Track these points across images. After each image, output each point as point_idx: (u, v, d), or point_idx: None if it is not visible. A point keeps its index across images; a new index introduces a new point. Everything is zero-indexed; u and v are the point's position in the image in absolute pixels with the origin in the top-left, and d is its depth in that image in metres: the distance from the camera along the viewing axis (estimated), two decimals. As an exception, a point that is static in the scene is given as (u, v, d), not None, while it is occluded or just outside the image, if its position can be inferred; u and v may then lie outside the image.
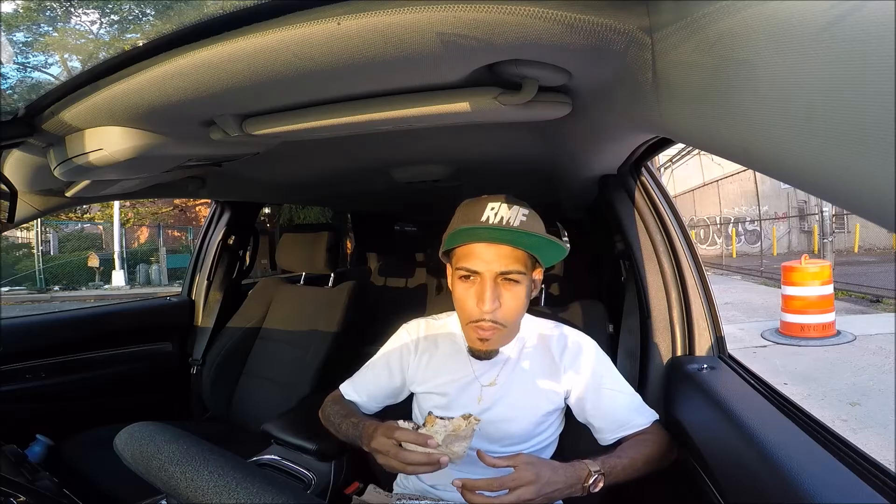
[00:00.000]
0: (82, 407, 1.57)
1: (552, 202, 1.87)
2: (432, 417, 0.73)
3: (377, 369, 0.98)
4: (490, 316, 0.79)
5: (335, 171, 1.34)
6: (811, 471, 0.55)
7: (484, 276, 0.79)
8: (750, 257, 12.11)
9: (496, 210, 0.79)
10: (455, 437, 0.70)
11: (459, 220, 0.83)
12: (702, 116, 0.40)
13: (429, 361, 0.94)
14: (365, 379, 0.99)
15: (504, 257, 0.79)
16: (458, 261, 0.83)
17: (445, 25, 0.42)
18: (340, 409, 0.94)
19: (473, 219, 0.80)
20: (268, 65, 0.50)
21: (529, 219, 0.80)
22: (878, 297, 6.26)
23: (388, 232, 3.01)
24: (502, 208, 0.79)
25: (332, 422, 0.94)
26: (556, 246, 0.80)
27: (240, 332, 1.69)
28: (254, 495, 0.42)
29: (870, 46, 0.22)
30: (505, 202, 0.80)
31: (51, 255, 11.88)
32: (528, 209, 0.82)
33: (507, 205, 0.79)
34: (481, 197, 0.83)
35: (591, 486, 0.72)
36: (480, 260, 0.79)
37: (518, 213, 0.79)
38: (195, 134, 0.77)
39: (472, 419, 0.72)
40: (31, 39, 0.60)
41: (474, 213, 0.80)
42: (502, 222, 0.78)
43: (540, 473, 0.70)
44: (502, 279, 0.80)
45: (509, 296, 0.81)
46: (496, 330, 0.81)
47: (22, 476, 0.79)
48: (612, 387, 0.87)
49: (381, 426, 0.78)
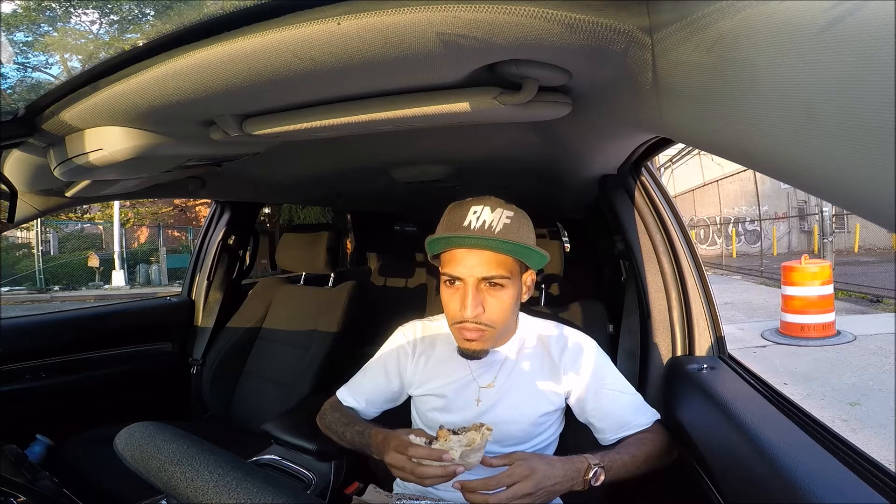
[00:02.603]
0: (82, 407, 1.57)
1: (552, 202, 1.87)
2: (445, 432, 0.72)
3: (374, 374, 0.98)
4: (473, 319, 0.79)
5: (335, 171, 1.34)
6: (811, 471, 0.55)
7: (466, 281, 0.79)
8: (750, 257, 12.11)
9: (479, 214, 0.78)
10: (471, 450, 0.70)
11: (443, 225, 0.82)
12: (702, 116, 0.40)
13: (426, 364, 0.94)
14: (362, 384, 0.98)
15: (486, 263, 0.78)
16: (442, 265, 0.83)
17: (445, 25, 0.42)
18: (341, 417, 0.94)
19: (455, 224, 0.79)
20: (268, 65, 0.50)
21: (514, 222, 0.79)
22: (878, 297, 6.26)
23: (388, 232, 3.01)
24: (485, 212, 0.78)
25: (335, 430, 0.93)
26: (537, 252, 0.80)
27: (240, 332, 1.69)
28: (254, 495, 0.43)
29: (870, 46, 0.22)
30: (489, 205, 0.79)
31: (51, 255, 11.88)
32: (514, 210, 0.81)
33: (489, 208, 0.78)
34: (466, 200, 0.82)
35: (591, 479, 0.72)
36: (462, 266, 0.78)
37: (501, 216, 0.78)
38: (195, 134, 0.77)
39: (485, 429, 0.72)
40: (31, 39, 0.60)
41: (457, 218, 0.80)
42: (484, 226, 0.77)
43: (535, 468, 0.70)
44: (486, 284, 0.79)
45: (493, 300, 0.80)
46: (482, 331, 0.81)
47: (22, 476, 0.79)
48: (613, 387, 0.87)
49: (392, 439, 0.77)
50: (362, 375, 0.99)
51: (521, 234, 0.80)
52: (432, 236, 0.82)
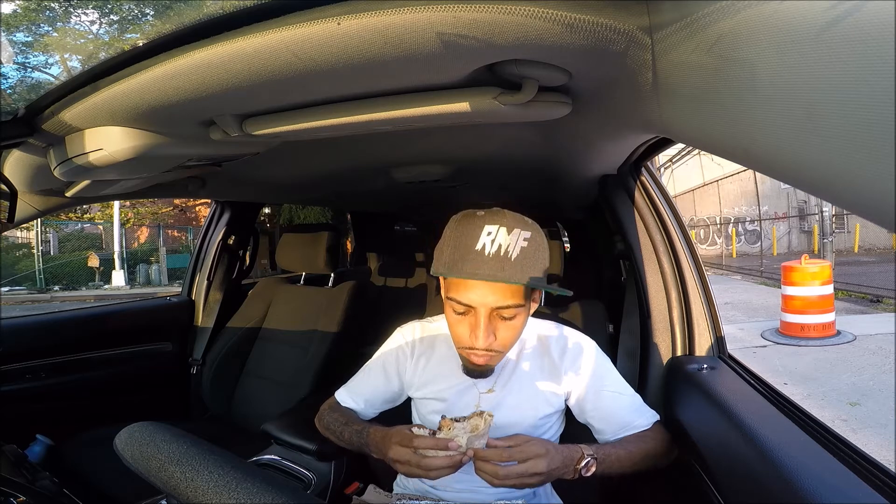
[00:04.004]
0: (82, 407, 1.57)
1: (552, 202, 1.87)
2: (448, 421, 0.72)
3: (373, 375, 0.97)
4: (485, 348, 0.76)
5: (335, 171, 1.34)
6: (811, 471, 0.55)
7: (478, 310, 0.74)
8: (750, 257, 12.11)
9: (493, 236, 0.70)
10: (475, 436, 0.70)
11: (451, 242, 0.74)
12: (702, 116, 0.40)
13: (426, 366, 0.93)
14: (361, 385, 0.98)
15: (500, 292, 0.73)
16: (448, 289, 0.77)
17: (445, 25, 0.42)
18: (339, 417, 0.93)
19: (466, 247, 0.71)
20: (268, 65, 0.50)
21: (531, 244, 0.72)
22: (878, 297, 6.26)
23: (388, 232, 3.01)
24: (500, 235, 0.70)
25: (333, 430, 0.92)
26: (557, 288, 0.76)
27: (240, 332, 1.70)
28: (254, 495, 0.43)
29: (870, 46, 0.22)
30: (504, 225, 0.71)
31: (51, 255, 11.88)
32: (530, 229, 0.74)
33: (505, 229, 0.71)
34: (477, 213, 0.74)
35: (582, 468, 0.72)
36: (474, 294, 0.73)
37: (518, 239, 0.71)
38: (195, 134, 0.77)
39: (486, 415, 0.71)
40: (31, 39, 0.60)
41: (467, 239, 0.72)
42: (500, 252, 0.70)
43: (548, 448, 0.70)
44: (497, 312, 0.75)
45: (505, 327, 0.76)
46: (491, 356, 0.78)
47: (22, 476, 0.79)
48: (613, 388, 0.86)
49: (394, 434, 0.76)
50: (361, 376, 0.99)
51: (539, 261, 0.74)
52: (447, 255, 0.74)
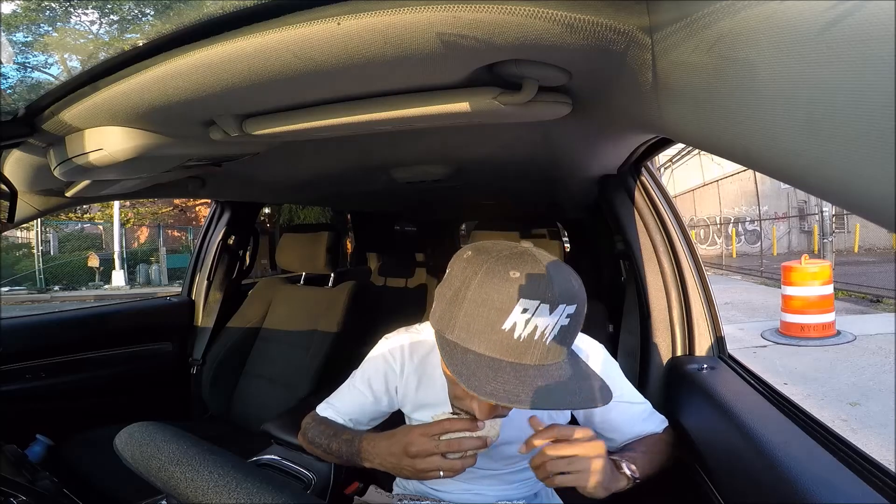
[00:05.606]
0: (82, 407, 1.57)
1: (552, 202, 1.87)
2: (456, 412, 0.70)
3: (360, 393, 0.88)
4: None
5: (335, 171, 1.34)
6: (811, 471, 0.55)
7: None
8: (750, 257, 12.11)
9: (530, 315, 0.53)
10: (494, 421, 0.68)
11: (466, 307, 0.56)
12: (702, 116, 0.40)
13: (417, 386, 0.86)
14: (346, 403, 0.90)
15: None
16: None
17: (445, 25, 0.42)
18: (326, 430, 0.86)
19: (490, 323, 0.55)
20: (268, 65, 0.50)
21: (573, 320, 0.57)
22: (878, 297, 6.26)
23: (388, 232, 3.01)
24: (540, 315, 0.53)
25: (319, 443, 0.85)
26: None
27: (240, 332, 1.70)
28: (254, 495, 0.43)
29: (870, 46, 0.22)
30: (547, 302, 0.53)
31: (51, 255, 11.88)
32: (577, 299, 0.56)
33: (548, 306, 0.53)
34: (509, 272, 0.55)
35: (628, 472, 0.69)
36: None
37: (561, 317, 0.55)
38: (195, 134, 0.77)
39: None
40: (31, 39, 0.60)
41: (494, 313, 0.54)
42: (534, 337, 0.54)
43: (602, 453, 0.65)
44: None
45: None
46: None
47: (22, 476, 0.79)
48: (622, 398, 0.82)
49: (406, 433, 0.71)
50: (345, 392, 0.91)
51: (573, 336, 0.60)
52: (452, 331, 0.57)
